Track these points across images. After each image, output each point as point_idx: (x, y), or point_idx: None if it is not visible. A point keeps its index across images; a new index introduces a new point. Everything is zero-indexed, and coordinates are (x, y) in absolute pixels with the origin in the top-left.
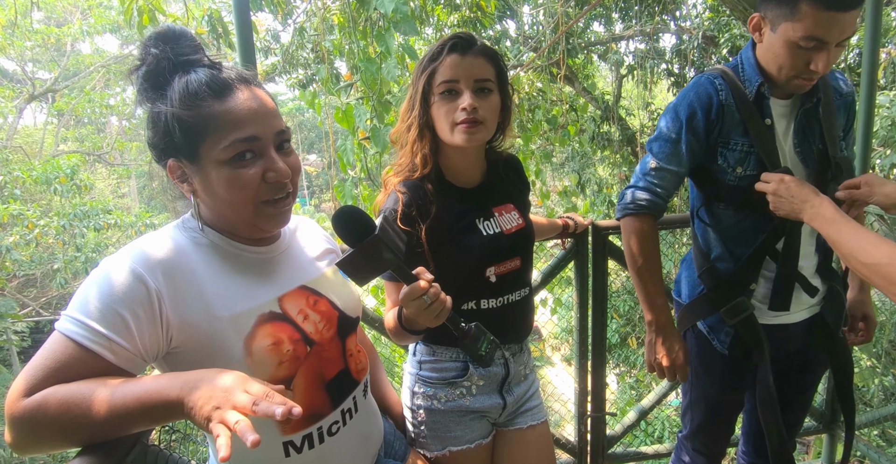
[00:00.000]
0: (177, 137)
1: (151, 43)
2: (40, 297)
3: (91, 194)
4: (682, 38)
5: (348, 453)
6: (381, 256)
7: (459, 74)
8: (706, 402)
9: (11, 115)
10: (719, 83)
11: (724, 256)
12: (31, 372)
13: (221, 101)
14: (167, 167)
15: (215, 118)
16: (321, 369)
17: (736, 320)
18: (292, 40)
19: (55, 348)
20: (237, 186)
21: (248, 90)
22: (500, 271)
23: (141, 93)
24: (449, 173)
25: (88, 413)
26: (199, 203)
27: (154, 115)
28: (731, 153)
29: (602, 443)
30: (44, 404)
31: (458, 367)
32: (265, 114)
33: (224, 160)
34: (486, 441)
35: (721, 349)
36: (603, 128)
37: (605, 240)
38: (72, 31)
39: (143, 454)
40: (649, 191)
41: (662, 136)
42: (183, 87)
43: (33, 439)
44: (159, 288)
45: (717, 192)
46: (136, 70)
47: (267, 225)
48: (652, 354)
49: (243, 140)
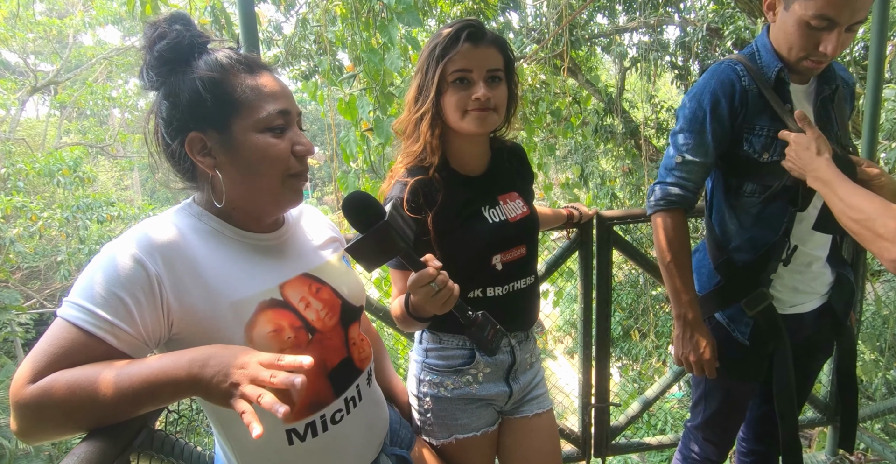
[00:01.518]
0: (208, 104)
1: (172, 21)
2: (44, 289)
3: (94, 186)
4: (687, 30)
5: (353, 442)
6: (391, 243)
7: (473, 64)
8: (721, 392)
9: (14, 107)
10: (740, 69)
11: (744, 246)
12: (35, 359)
13: (254, 77)
14: (186, 141)
15: (252, 89)
16: (323, 357)
17: (756, 311)
18: (295, 31)
19: (58, 333)
20: (270, 156)
21: (271, 72)
22: (506, 259)
23: (158, 67)
24: (454, 161)
25: (94, 396)
26: (222, 178)
27: (177, 86)
28: (756, 139)
29: (606, 433)
30: (49, 388)
31: (464, 354)
32: (290, 94)
33: (260, 129)
34: (492, 429)
35: (742, 340)
36: (606, 120)
37: (609, 230)
38: (74, 23)
39: (150, 439)
40: (678, 186)
41: (686, 127)
42: (214, 60)
43: (39, 425)
44: (159, 273)
45: (748, 175)
46: (155, 43)
47: (290, 199)
48: (680, 348)
49: (280, 112)
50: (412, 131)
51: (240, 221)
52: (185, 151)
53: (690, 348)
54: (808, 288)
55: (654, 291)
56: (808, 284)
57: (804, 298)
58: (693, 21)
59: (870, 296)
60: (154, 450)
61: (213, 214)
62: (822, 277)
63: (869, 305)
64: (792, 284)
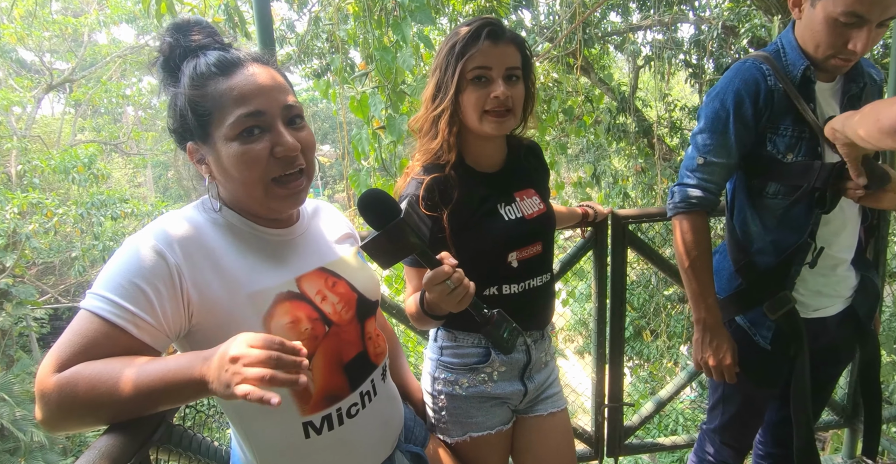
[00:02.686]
0: (189, 118)
1: (167, 33)
2: (59, 284)
3: (108, 183)
4: (701, 28)
5: (368, 437)
6: (407, 240)
7: (493, 62)
8: (741, 396)
9: (30, 105)
10: (766, 68)
11: (766, 248)
12: (60, 349)
13: (227, 79)
14: (187, 150)
15: (220, 95)
16: (339, 350)
17: (778, 314)
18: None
19: (81, 324)
20: (245, 163)
21: (256, 66)
22: (522, 257)
23: (161, 82)
24: (470, 158)
25: (115, 390)
26: (217, 185)
27: (171, 101)
28: (780, 139)
29: (619, 433)
30: (73, 379)
31: (479, 353)
32: (271, 88)
33: (231, 136)
34: (506, 428)
35: (764, 344)
36: (619, 119)
37: (624, 229)
38: (89, 22)
39: (168, 434)
40: (700, 187)
41: (708, 127)
42: (192, 69)
43: (63, 415)
44: (179, 264)
45: (772, 176)
46: (156, 61)
47: (279, 206)
48: (699, 353)
49: (248, 115)
50: (429, 129)
51: (254, 217)
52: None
53: (710, 352)
54: (833, 292)
55: (666, 291)
56: (833, 287)
57: (828, 302)
58: (708, 19)
59: (888, 298)
60: (173, 444)
61: (229, 209)
62: (846, 281)
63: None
64: (816, 288)
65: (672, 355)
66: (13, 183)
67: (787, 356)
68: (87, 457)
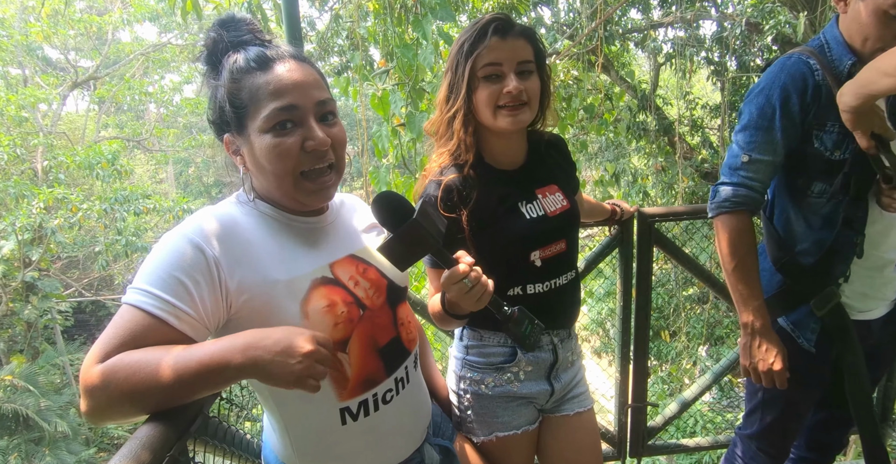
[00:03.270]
0: (227, 111)
1: (212, 28)
2: (82, 278)
3: (130, 179)
4: (724, 25)
5: (400, 424)
6: (421, 241)
7: (503, 58)
8: (783, 401)
9: (56, 102)
10: (813, 63)
11: (811, 249)
12: (103, 343)
13: (264, 73)
14: (224, 143)
15: (257, 89)
16: (374, 334)
17: (825, 310)
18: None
19: (123, 318)
20: (277, 155)
21: (292, 62)
22: (546, 255)
23: (203, 75)
24: (489, 157)
25: (155, 377)
26: (251, 176)
27: (211, 93)
28: (827, 136)
29: (642, 434)
30: (114, 368)
31: (505, 352)
32: (306, 84)
33: (265, 129)
34: (532, 427)
35: (808, 347)
36: (639, 117)
37: (651, 227)
38: (112, 20)
39: (205, 425)
40: (744, 186)
41: (752, 124)
42: (232, 63)
43: (105, 405)
44: (216, 256)
45: (818, 174)
46: (200, 55)
47: (307, 200)
48: (747, 358)
49: (282, 109)
50: (445, 131)
51: (286, 207)
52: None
53: (759, 357)
54: (879, 294)
55: (685, 291)
56: (879, 289)
57: (872, 305)
58: (731, 15)
59: None
60: (209, 436)
61: (261, 200)
62: (893, 283)
63: None
64: (861, 290)
65: (690, 355)
66: (39, 178)
67: (831, 359)
68: (129, 447)
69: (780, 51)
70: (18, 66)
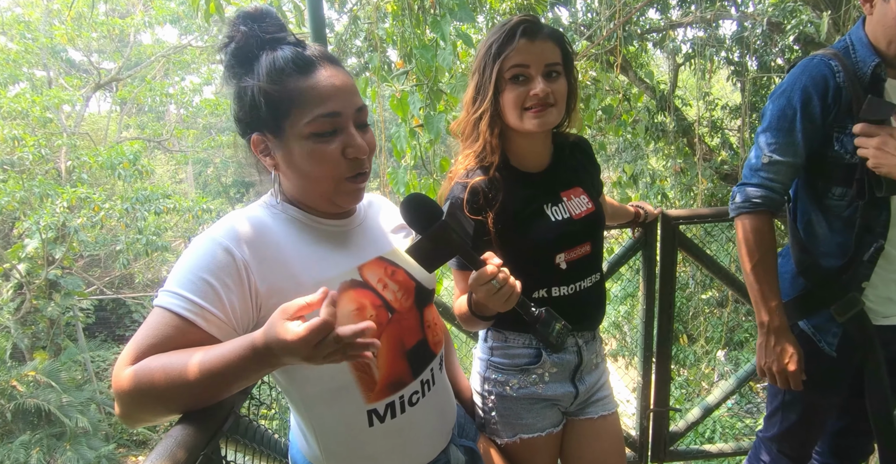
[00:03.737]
0: (262, 111)
1: (240, 21)
2: (104, 276)
3: (151, 179)
4: (744, 24)
5: (426, 426)
6: (449, 242)
7: (530, 60)
8: (803, 405)
9: (79, 103)
10: (835, 65)
11: (833, 251)
12: (134, 345)
13: (306, 78)
14: (251, 141)
15: (300, 93)
16: (401, 337)
17: (847, 317)
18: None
19: (153, 320)
20: (318, 161)
21: (331, 67)
22: (571, 258)
23: (229, 69)
24: (514, 159)
25: (184, 377)
26: (281, 177)
27: (241, 90)
28: (848, 138)
29: (664, 439)
30: (145, 369)
31: (530, 354)
32: (346, 91)
33: (307, 134)
34: (556, 430)
35: (829, 351)
36: (657, 118)
37: (675, 230)
38: (134, 23)
39: (236, 424)
40: (764, 187)
41: (773, 125)
42: (270, 62)
43: (138, 406)
44: (245, 259)
45: (838, 178)
46: (225, 46)
47: (344, 201)
48: (762, 358)
49: (326, 115)
50: (471, 132)
51: (314, 210)
52: (251, 148)
53: (774, 357)
54: None
55: (703, 294)
56: None
57: None
58: (752, 15)
59: None
60: (240, 434)
61: (289, 204)
62: None
63: None
64: (887, 295)
65: (709, 360)
66: (63, 178)
67: (853, 364)
68: (165, 445)
69: (802, 51)
70: (44, 68)
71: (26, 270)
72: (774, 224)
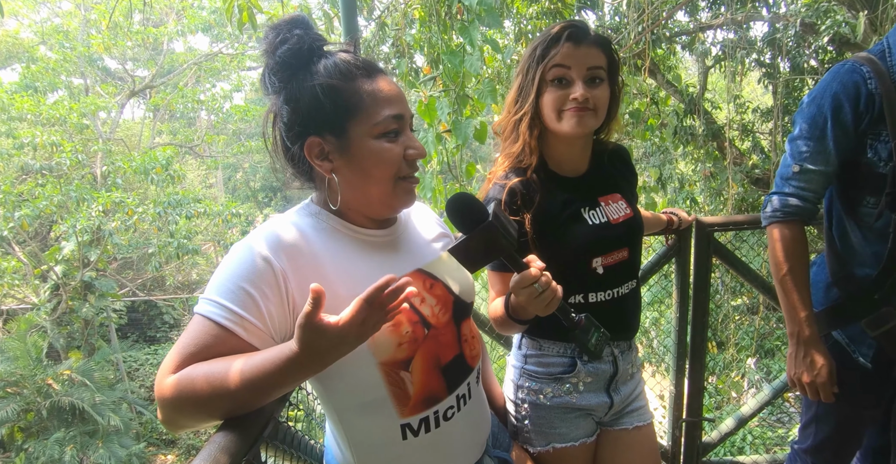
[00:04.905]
0: (327, 110)
1: (292, 25)
2: (136, 279)
3: (182, 184)
4: (776, 26)
5: (461, 440)
6: (495, 243)
7: (572, 62)
8: (837, 416)
9: (114, 110)
10: (867, 71)
11: (867, 261)
12: (176, 353)
13: (371, 80)
14: (306, 145)
15: (369, 94)
16: (437, 353)
17: (879, 331)
18: (374, 33)
19: (193, 328)
20: (383, 161)
21: (386, 75)
22: (608, 263)
23: (279, 71)
24: (553, 162)
25: (224, 385)
26: (338, 181)
27: (297, 91)
28: (882, 145)
29: (697, 450)
30: (187, 377)
31: (565, 362)
32: (403, 96)
33: (376, 134)
34: (590, 440)
35: (864, 362)
36: (686, 122)
37: (709, 237)
38: (167, 31)
39: (276, 431)
40: (796, 196)
41: (804, 133)
42: (333, 64)
43: (180, 412)
44: (284, 268)
45: (871, 187)
46: (277, 48)
47: (401, 202)
48: (793, 368)
49: (395, 117)
50: (511, 132)
51: (355, 219)
52: (304, 154)
53: (804, 368)
54: None
55: (733, 301)
56: None
57: None
58: (784, 16)
59: None
60: (279, 441)
61: (330, 213)
62: None
63: None
64: None
65: (739, 368)
66: (98, 183)
67: (891, 377)
68: (208, 450)
69: (836, 52)
70: (81, 76)
71: (63, 272)
72: (806, 233)
